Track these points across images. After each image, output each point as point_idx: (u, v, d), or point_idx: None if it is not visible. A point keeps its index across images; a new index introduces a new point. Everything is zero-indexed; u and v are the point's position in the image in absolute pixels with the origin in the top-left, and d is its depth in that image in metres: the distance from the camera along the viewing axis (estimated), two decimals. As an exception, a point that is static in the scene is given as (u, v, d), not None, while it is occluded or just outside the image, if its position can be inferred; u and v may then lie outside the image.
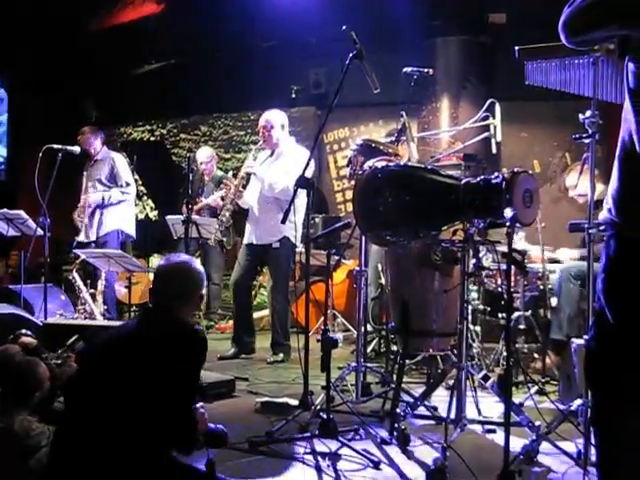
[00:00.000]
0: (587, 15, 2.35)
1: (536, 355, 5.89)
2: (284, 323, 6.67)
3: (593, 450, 3.62)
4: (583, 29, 2.40)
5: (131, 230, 7.90)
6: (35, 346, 4.08)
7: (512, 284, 5.81)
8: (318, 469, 3.75)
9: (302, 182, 4.37)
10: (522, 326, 5.68)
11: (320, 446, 4.04)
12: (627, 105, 2.37)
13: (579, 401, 3.78)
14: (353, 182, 4.45)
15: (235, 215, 7.18)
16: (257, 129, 6.73)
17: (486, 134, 5.42)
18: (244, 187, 6.72)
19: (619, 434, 2.38)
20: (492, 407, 4.79)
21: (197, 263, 3.21)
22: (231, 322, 7.70)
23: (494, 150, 5.49)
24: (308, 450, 3.99)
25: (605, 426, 2.44)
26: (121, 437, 2.70)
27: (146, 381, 2.77)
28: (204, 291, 3.18)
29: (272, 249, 6.53)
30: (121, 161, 7.72)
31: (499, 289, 5.94)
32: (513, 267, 5.50)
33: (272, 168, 6.50)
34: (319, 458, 3.88)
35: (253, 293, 9.39)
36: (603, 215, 2.43)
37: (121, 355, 2.87)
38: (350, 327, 7.77)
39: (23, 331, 4.36)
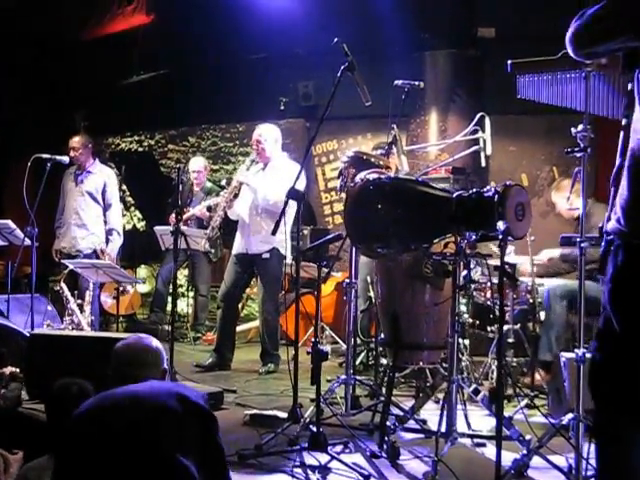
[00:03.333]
0: (600, 27, 2.36)
1: (525, 370, 5.89)
2: (274, 333, 6.69)
3: (584, 464, 3.64)
4: (595, 41, 2.41)
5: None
6: None
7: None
8: (308, 482, 3.73)
9: (293, 194, 4.37)
10: (511, 340, 5.68)
11: (310, 459, 4.02)
12: (638, 115, 2.38)
13: (570, 415, 3.78)
14: (344, 194, 4.45)
15: (223, 227, 7.17)
16: (251, 142, 6.70)
17: (476, 147, 5.43)
18: (235, 196, 6.67)
19: (623, 447, 2.36)
20: (481, 421, 4.78)
21: None
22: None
23: (483, 163, 5.51)
24: (297, 463, 3.96)
25: (609, 439, 2.43)
26: None
27: None
28: None
29: (262, 259, 6.52)
30: (114, 183, 7.66)
31: (488, 302, 5.94)
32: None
33: (266, 180, 6.49)
34: (309, 471, 3.86)
35: (241, 305, 9.38)
36: (612, 225, 2.44)
37: None
38: (338, 339, 7.75)
39: None
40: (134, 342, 2.95)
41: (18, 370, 4.85)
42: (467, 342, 6.01)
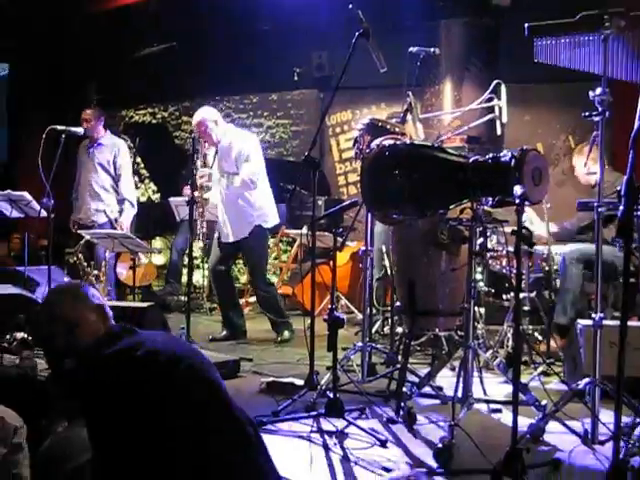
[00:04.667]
0: None
1: (540, 337, 5.89)
2: (274, 304, 6.73)
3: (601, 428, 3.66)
4: None
5: None
6: None
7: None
8: (325, 447, 3.75)
9: (307, 162, 4.35)
10: (527, 307, 5.67)
11: (327, 425, 4.05)
12: None
13: (587, 379, 3.79)
14: (359, 162, 4.44)
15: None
16: (195, 134, 6.64)
17: (491, 116, 5.39)
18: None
19: None
20: (497, 388, 4.80)
21: None
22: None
23: (499, 132, 5.45)
24: (315, 429, 3.99)
25: None
26: None
27: None
28: None
29: (243, 240, 6.52)
30: (124, 153, 7.66)
31: (503, 271, 5.93)
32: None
33: (225, 165, 6.46)
34: (326, 436, 3.89)
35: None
36: None
37: None
38: (353, 309, 7.78)
39: None
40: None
41: (27, 336, 4.89)
42: (483, 310, 6.01)
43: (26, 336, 4.93)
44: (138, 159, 10.61)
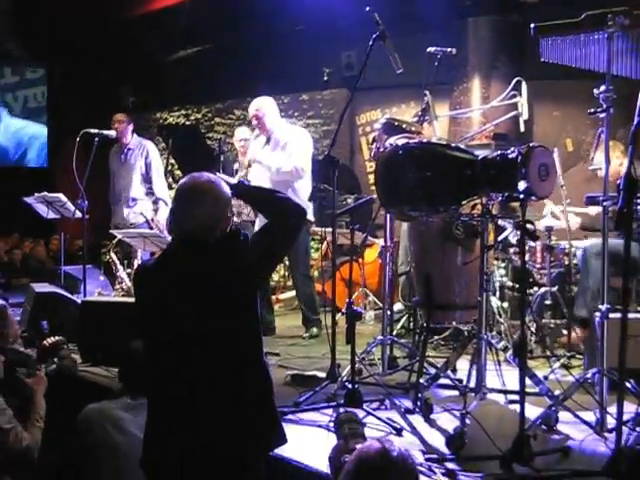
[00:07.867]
0: None
1: (564, 331, 5.94)
2: (311, 300, 6.82)
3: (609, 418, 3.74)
4: None
5: None
6: None
7: (539, 260, 5.92)
8: (342, 435, 3.87)
9: (327, 160, 4.51)
10: (548, 301, 5.75)
11: (346, 415, 4.17)
12: None
13: (593, 369, 3.87)
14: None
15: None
16: (249, 118, 6.79)
17: (514, 113, 5.46)
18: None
19: None
20: (516, 379, 4.87)
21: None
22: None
23: (522, 128, 5.52)
24: (334, 418, 4.11)
25: None
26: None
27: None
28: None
29: None
30: (154, 155, 7.81)
31: (527, 265, 6.00)
32: (540, 243, 5.64)
33: (274, 153, 6.55)
34: (344, 426, 4.00)
35: (287, 274, 9.54)
36: None
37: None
38: (381, 305, 7.87)
39: None
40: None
41: (57, 338, 5.03)
42: (506, 305, 6.08)
43: (57, 339, 5.10)
44: (172, 160, 10.80)
